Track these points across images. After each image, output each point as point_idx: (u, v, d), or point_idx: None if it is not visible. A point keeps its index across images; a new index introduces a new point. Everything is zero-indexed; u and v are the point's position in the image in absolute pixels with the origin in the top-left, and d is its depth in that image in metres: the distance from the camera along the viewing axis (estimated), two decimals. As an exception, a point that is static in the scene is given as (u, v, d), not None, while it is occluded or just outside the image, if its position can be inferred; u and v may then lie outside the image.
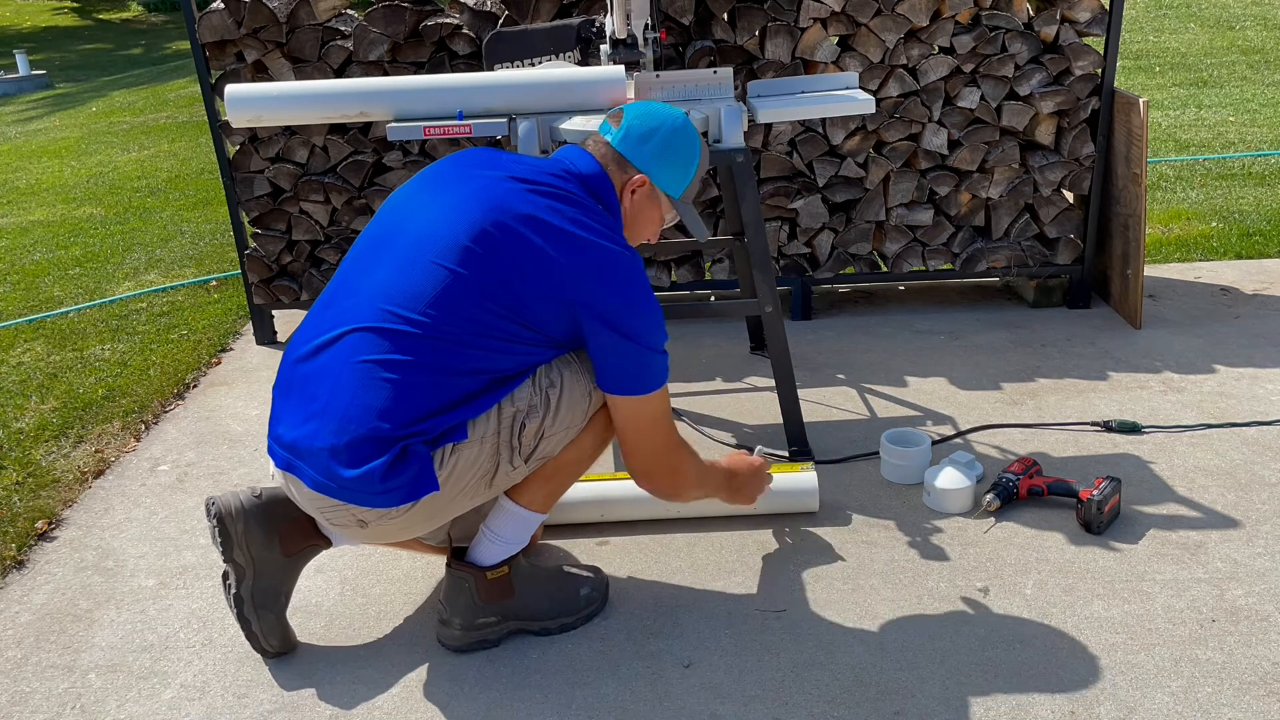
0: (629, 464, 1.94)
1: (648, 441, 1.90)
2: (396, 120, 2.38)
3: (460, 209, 1.81)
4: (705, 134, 2.45)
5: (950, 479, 2.36)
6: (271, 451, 1.86)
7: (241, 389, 3.27)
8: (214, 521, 1.91)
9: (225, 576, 1.95)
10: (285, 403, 1.84)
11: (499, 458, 1.83)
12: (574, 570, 2.09)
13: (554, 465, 1.93)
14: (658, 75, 2.52)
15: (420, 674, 1.95)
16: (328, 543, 2.00)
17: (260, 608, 1.94)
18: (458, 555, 2.01)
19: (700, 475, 2.02)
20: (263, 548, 1.92)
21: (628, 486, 2.34)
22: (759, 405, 2.95)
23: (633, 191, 1.96)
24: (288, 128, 3.36)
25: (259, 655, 2.00)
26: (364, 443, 1.73)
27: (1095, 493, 2.24)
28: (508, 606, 2.00)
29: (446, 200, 1.84)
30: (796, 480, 2.36)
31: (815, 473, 2.38)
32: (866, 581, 2.14)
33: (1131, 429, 2.68)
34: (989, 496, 2.33)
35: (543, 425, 1.84)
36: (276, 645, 1.98)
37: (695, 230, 2.09)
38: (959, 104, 3.32)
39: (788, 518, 2.37)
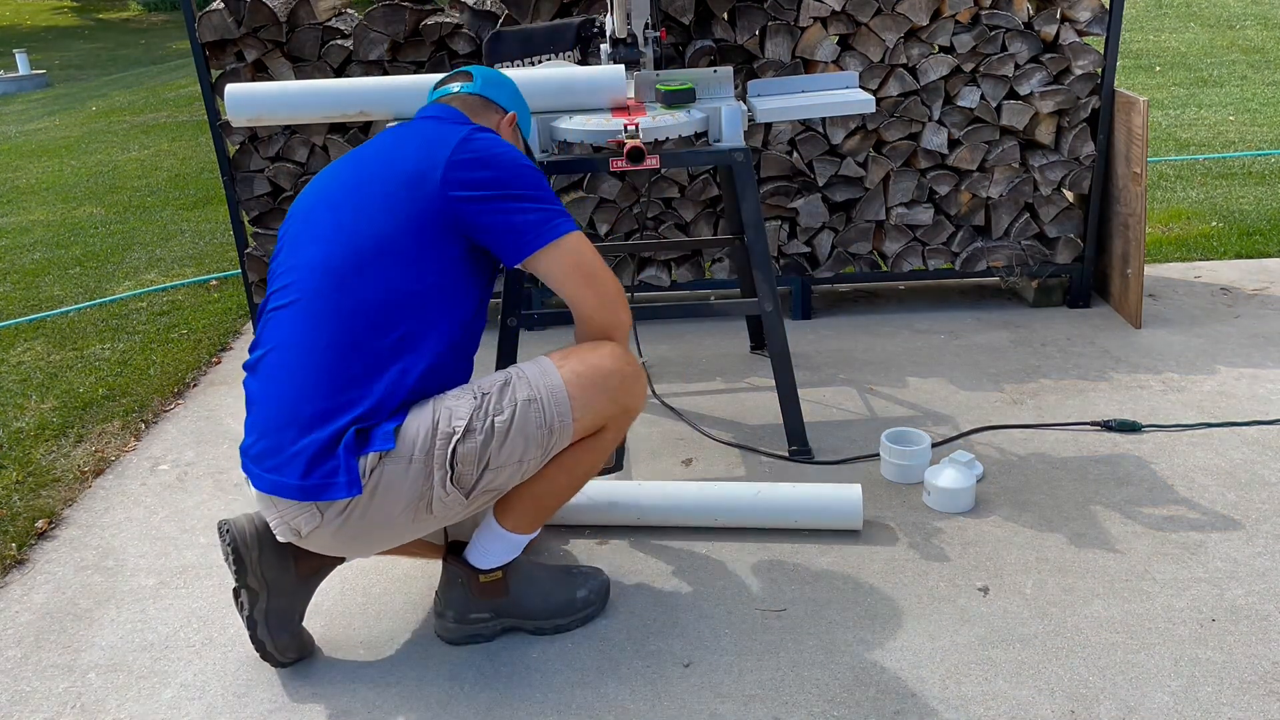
0: (590, 316, 1.86)
1: (595, 273, 1.84)
2: (396, 120, 2.38)
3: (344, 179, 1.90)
4: (705, 133, 2.45)
5: (950, 479, 2.36)
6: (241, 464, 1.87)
7: (241, 388, 3.27)
8: (228, 547, 1.89)
9: (237, 594, 1.93)
10: (247, 415, 1.87)
11: (431, 481, 1.76)
12: (573, 571, 2.09)
13: (529, 494, 1.90)
14: (657, 74, 2.52)
15: (420, 673, 1.95)
16: (341, 558, 1.99)
17: (275, 628, 1.93)
18: (454, 550, 2.01)
19: None
20: (278, 572, 1.91)
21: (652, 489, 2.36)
22: (759, 405, 2.95)
23: (507, 129, 2.03)
24: (288, 127, 3.36)
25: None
26: (291, 431, 1.74)
27: None
28: (501, 604, 2.00)
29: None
30: (840, 497, 2.30)
31: (859, 487, 2.31)
32: (866, 581, 2.14)
33: (1131, 428, 2.68)
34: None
35: (485, 455, 1.77)
36: (292, 657, 1.97)
37: None
38: (959, 103, 3.32)
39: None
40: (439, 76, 2.38)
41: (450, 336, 1.83)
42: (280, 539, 1.84)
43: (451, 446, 1.76)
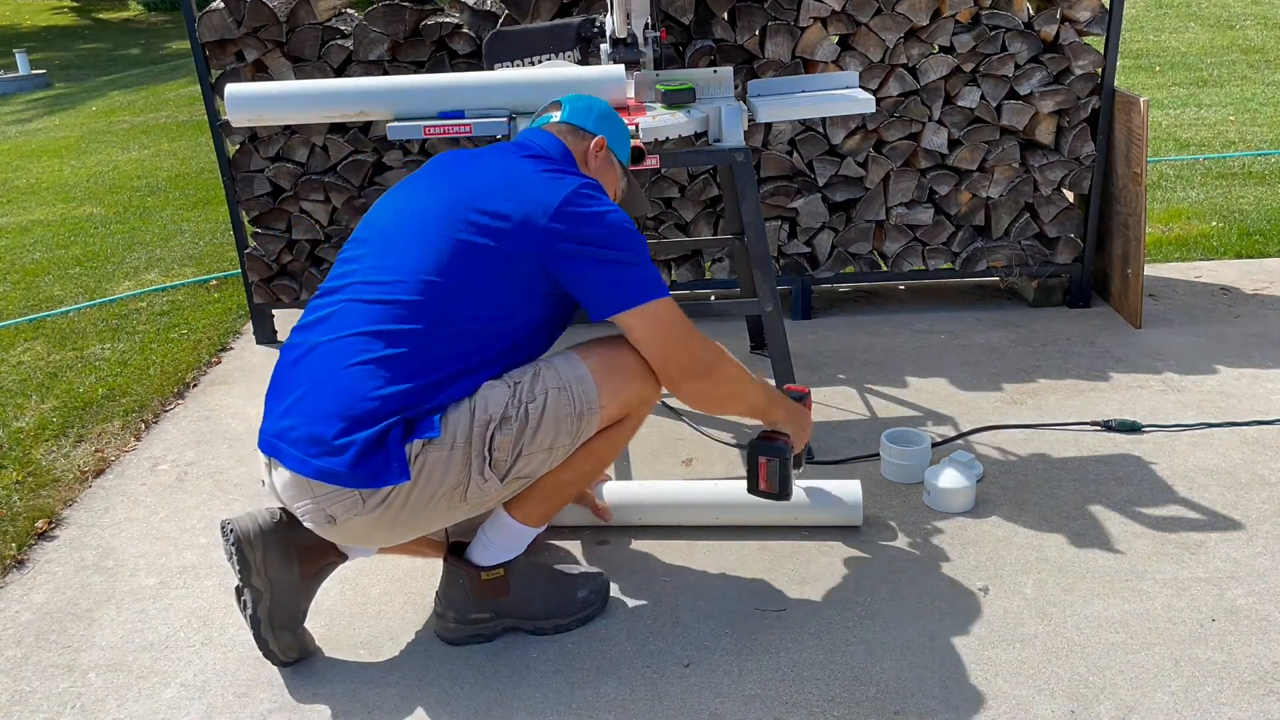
0: (666, 376, 1.93)
1: (671, 343, 1.91)
2: (396, 120, 2.38)
3: (443, 191, 1.92)
4: (705, 133, 2.45)
5: (950, 479, 2.36)
6: (260, 442, 1.86)
7: (242, 388, 3.27)
8: (232, 546, 1.89)
9: (240, 593, 1.93)
10: (275, 398, 1.86)
11: (470, 468, 1.80)
12: (573, 571, 2.09)
13: (552, 483, 1.93)
14: (657, 74, 2.52)
15: (420, 673, 1.95)
16: (344, 557, 2.00)
17: (278, 628, 1.93)
18: (455, 550, 2.01)
19: (739, 374, 2.02)
20: (281, 571, 1.91)
21: (665, 489, 2.36)
22: (759, 405, 2.95)
23: (596, 153, 2.06)
24: (288, 127, 3.36)
25: (260, 655, 2.00)
26: (345, 423, 1.74)
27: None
28: (502, 604, 2.00)
29: (427, 191, 1.94)
30: (841, 492, 2.31)
31: (859, 483, 2.33)
32: (866, 581, 2.14)
33: (1131, 428, 2.68)
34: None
35: (519, 442, 1.83)
36: (294, 656, 1.98)
37: (642, 206, 2.20)
38: (959, 103, 3.32)
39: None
40: (438, 76, 2.38)
41: (517, 361, 1.89)
42: (308, 524, 1.83)
43: (489, 433, 1.80)
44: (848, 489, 2.30)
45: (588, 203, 1.87)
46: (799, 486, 2.31)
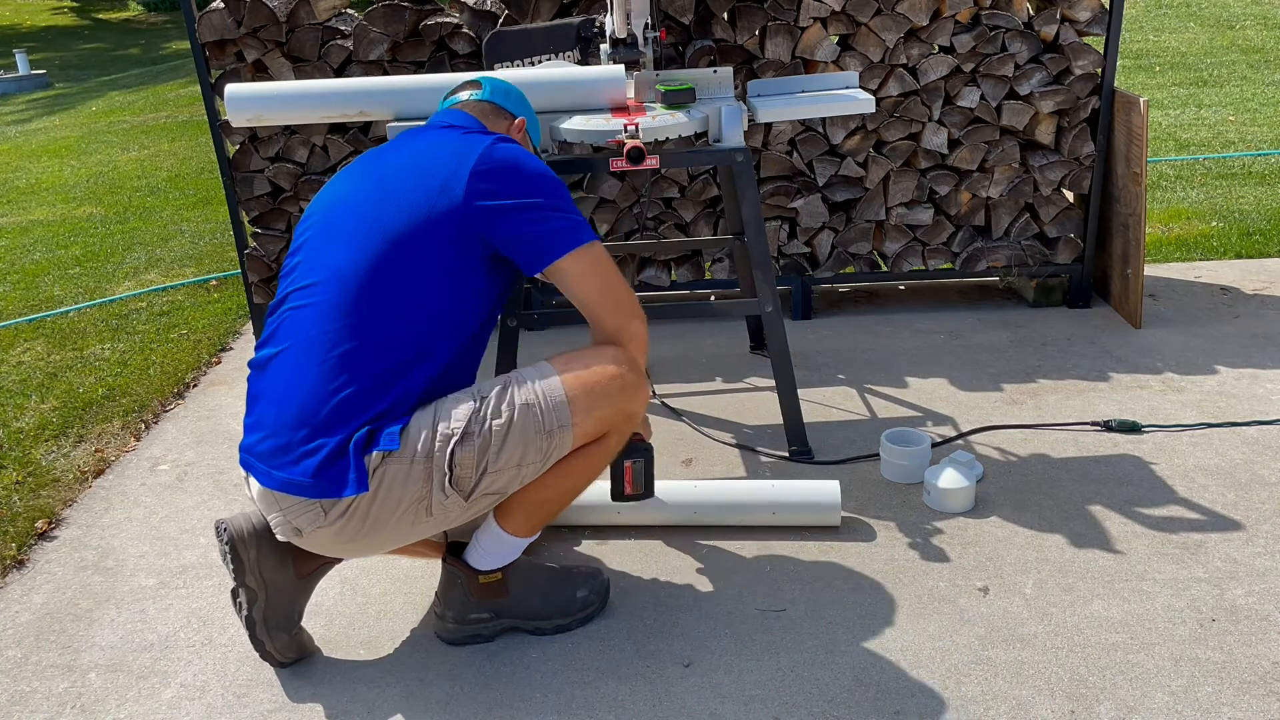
0: (603, 324, 1.88)
1: (610, 283, 1.87)
2: (396, 120, 2.38)
3: (372, 179, 1.91)
4: (705, 133, 2.45)
5: (950, 479, 2.36)
6: (240, 458, 1.86)
7: (241, 388, 3.27)
8: (226, 546, 1.89)
9: (235, 594, 1.92)
10: (247, 413, 1.87)
11: (430, 483, 1.77)
12: (572, 571, 2.09)
13: (534, 499, 1.90)
14: (657, 74, 2.52)
15: (420, 673, 1.95)
16: (338, 558, 1.99)
17: (274, 629, 1.93)
18: (454, 550, 2.01)
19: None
20: (276, 571, 1.91)
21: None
22: (759, 405, 2.95)
23: (517, 134, 2.07)
24: (288, 127, 3.36)
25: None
26: (304, 431, 1.74)
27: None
28: (501, 605, 2.00)
29: (364, 180, 1.93)
30: (819, 492, 2.31)
31: (838, 483, 2.32)
32: (866, 581, 2.14)
33: (1131, 429, 2.68)
34: None
35: (483, 459, 1.78)
36: (291, 657, 1.98)
37: None
38: (959, 103, 3.32)
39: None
40: (438, 76, 2.38)
41: (463, 344, 1.86)
42: (280, 538, 1.83)
43: (450, 449, 1.77)
44: (826, 489, 2.30)
45: (504, 155, 1.85)
46: (777, 486, 2.31)
